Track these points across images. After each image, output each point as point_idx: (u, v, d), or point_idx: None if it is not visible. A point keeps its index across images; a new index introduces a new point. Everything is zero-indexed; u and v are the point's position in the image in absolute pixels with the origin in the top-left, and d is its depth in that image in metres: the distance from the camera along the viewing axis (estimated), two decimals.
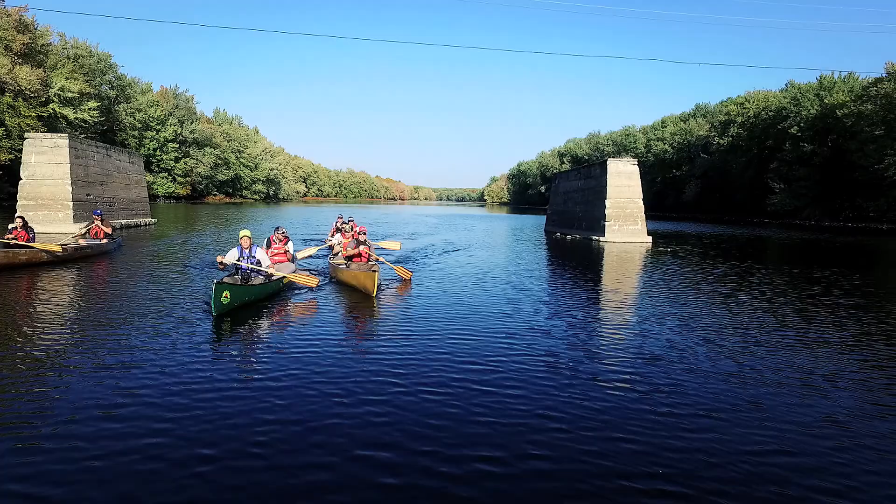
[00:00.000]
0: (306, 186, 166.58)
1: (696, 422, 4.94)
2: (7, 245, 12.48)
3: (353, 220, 17.08)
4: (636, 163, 23.09)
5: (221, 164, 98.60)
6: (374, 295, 10.00)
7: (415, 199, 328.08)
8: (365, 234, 12.15)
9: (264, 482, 3.71)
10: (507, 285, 12.25)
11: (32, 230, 13.04)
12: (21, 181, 19.44)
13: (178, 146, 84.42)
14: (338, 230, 16.22)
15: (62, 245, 13.47)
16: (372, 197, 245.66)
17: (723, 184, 80.00)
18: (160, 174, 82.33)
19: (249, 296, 8.92)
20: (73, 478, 3.68)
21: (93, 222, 15.35)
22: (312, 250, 15.25)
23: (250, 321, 8.29)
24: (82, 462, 3.87)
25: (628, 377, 6.10)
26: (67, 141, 19.62)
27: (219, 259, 9.54)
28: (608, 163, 22.64)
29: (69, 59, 61.91)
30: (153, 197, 71.75)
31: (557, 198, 27.89)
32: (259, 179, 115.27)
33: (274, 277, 9.94)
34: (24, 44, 51.14)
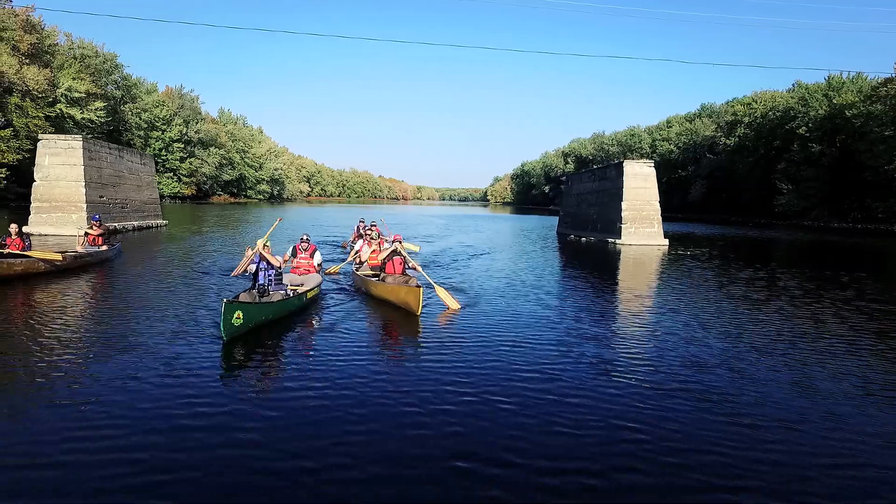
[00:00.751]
0: (310, 186, 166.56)
1: (773, 433, 4.83)
2: (1, 255, 11.34)
3: (375, 226, 15.88)
4: (652, 164, 22.91)
5: (226, 164, 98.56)
6: (418, 313, 8.71)
7: (418, 198, 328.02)
8: (401, 241, 10.80)
9: None
10: (540, 291, 12.08)
11: (29, 238, 12.11)
12: (35, 183, 19.29)
13: (183, 146, 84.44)
14: (360, 236, 15.71)
15: (61, 252, 12.50)
16: (375, 197, 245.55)
17: (729, 184, 79.66)
18: (165, 174, 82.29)
19: (266, 315, 7.67)
20: None
21: (90, 228, 14.24)
22: (336, 268, 13.69)
23: (267, 344, 7.13)
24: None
25: (687, 385, 6.01)
26: (81, 142, 19.49)
27: (234, 273, 8.62)
28: (624, 164, 22.44)
29: (76, 59, 61.90)
30: (159, 196, 71.86)
31: (570, 199, 27.69)
32: (263, 179, 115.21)
33: (299, 291, 8.95)
34: (31, 44, 51.11)
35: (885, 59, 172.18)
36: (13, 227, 11.66)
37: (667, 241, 22.18)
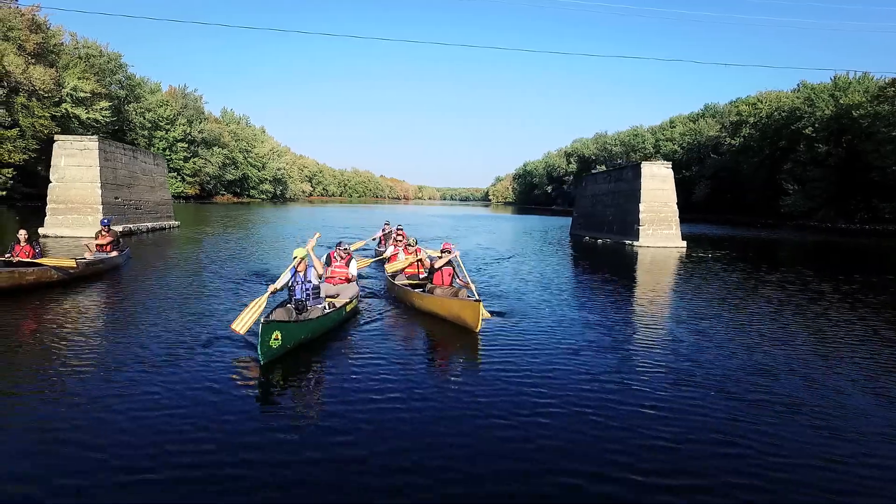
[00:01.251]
0: (312, 186, 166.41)
1: (872, 446, 4.70)
2: (10, 263, 10.45)
3: (402, 229, 14.67)
4: (670, 166, 22.79)
5: (229, 163, 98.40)
6: (477, 329, 7.91)
7: (419, 198, 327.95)
8: (450, 251, 9.72)
9: None
10: (580, 297, 12.07)
11: (39, 244, 11.12)
12: (50, 184, 19.14)
13: (186, 146, 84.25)
14: (386, 237, 14.52)
15: (74, 258, 11.53)
16: (376, 196, 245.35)
17: (734, 184, 79.52)
18: (169, 174, 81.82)
19: (306, 333, 6.99)
20: None
21: (100, 234, 13.14)
22: (366, 262, 13.02)
23: (308, 365, 6.54)
24: None
25: (765, 393, 5.87)
26: (97, 143, 19.34)
27: (271, 289, 7.67)
28: (642, 166, 22.32)
29: (81, 58, 61.71)
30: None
31: (585, 200, 27.55)
32: (266, 179, 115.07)
33: (337, 304, 8.21)
34: (37, 44, 50.93)
35: (889, 58, 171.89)
36: (22, 234, 10.77)
37: (685, 243, 22.05)
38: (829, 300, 12.05)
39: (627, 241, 22.37)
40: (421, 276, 10.89)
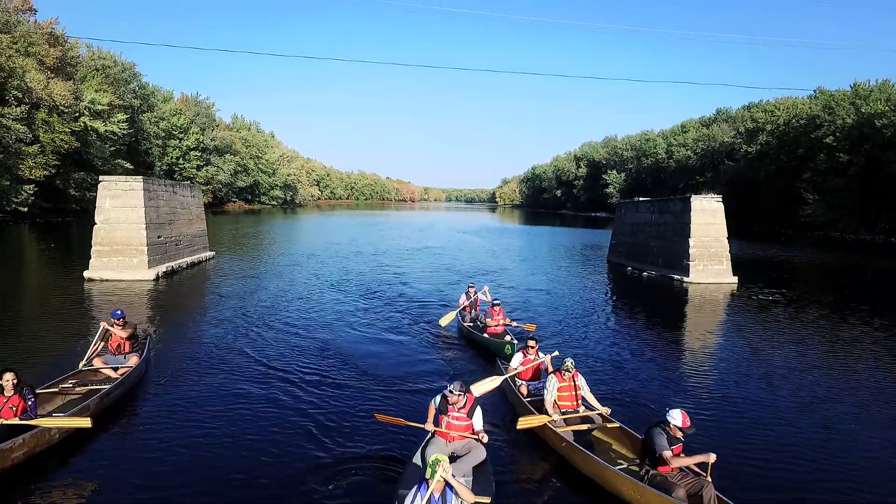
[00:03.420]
0: (320, 189, 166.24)
1: None
2: None
3: (497, 303, 12.02)
4: (720, 199, 22.31)
5: (241, 170, 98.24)
6: None
7: (425, 199, 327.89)
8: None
9: None
10: (660, 342, 12.09)
11: (33, 392, 6.84)
12: (95, 226, 18.78)
13: (199, 154, 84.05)
14: (472, 304, 12.93)
15: (87, 409, 7.18)
16: (383, 199, 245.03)
17: (750, 192, 78.74)
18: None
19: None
20: None
21: (113, 326, 9.33)
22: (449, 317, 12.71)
23: None
24: None
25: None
26: (142, 183, 19.00)
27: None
28: (692, 200, 21.88)
29: (97, 70, 61.45)
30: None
31: (624, 227, 27.13)
32: (277, 185, 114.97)
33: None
34: (56, 58, 50.67)
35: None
36: (7, 379, 6.61)
37: (736, 279, 21.59)
38: None
39: (676, 277, 21.93)
40: (539, 384, 8.35)
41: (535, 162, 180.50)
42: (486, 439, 6.29)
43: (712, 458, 5.58)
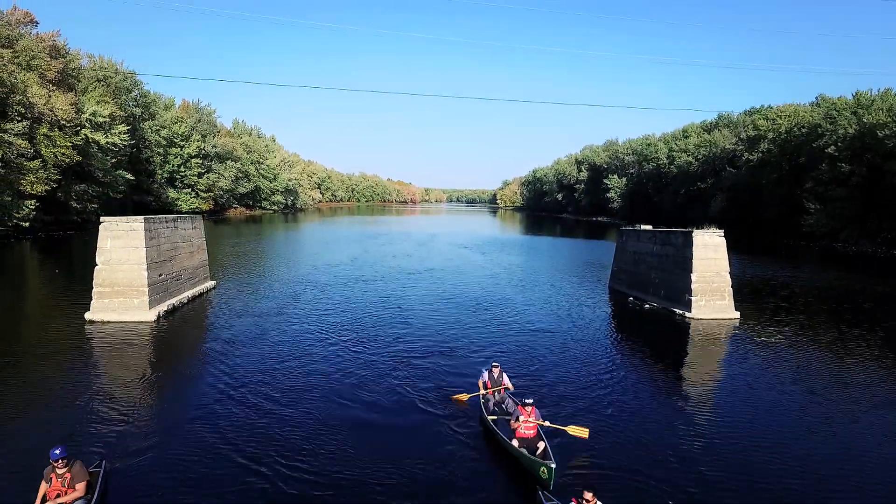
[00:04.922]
0: (321, 192, 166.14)
1: None
2: None
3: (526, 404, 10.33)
4: (722, 234, 22.33)
5: (242, 176, 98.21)
6: None
7: (426, 200, 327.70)
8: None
9: None
10: (678, 383, 12.09)
11: None
12: (97, 267, 18.77)
13: (200, 161, 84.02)
14: (493, 383, 11.53)
15: None
16: (384, 200, 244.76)
17: (751, 199, 78.55)
18: (184, 190, 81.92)
19: None
20: None
21: (54, 470, 7.38)
22: (464, 397, 12.02)
23: None
24: None
25: None
26: (143, 224, 18.97)
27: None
28: (694, 235, 21.85)
29: (98, 81, 61.38)
30: (178, 213, 71.63)
31: (626, 256, 27.12)
32: (278, 190, 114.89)
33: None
34: (57, 71, 50.63)
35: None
36: None
37: (738, 314, 21.57)
38: None
39: (678, 311, 21.90)
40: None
41: (535, 163, 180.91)
42: None
43: None
